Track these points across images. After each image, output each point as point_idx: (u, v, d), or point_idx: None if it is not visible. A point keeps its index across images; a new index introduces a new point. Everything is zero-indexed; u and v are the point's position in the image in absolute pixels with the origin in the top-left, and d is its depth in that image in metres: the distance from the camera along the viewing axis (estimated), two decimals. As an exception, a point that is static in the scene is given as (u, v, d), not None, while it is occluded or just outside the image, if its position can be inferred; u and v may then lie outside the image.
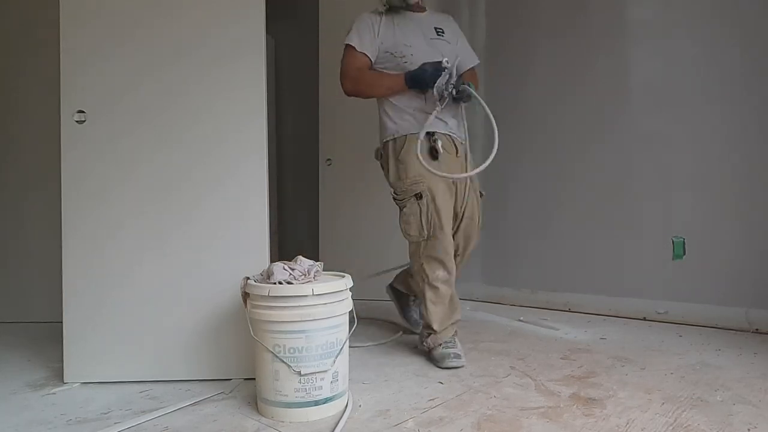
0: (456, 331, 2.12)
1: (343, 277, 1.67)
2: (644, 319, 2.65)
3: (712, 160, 2.52)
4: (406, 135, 2.09)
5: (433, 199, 2.02)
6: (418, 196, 2.03)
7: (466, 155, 2.15)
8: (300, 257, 1.68)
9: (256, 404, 1.61)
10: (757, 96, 2.40)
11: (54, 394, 1.78)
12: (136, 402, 1.69)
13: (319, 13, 3.55)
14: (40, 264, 2.78)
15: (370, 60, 2.13)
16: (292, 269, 1.61)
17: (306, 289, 1.52)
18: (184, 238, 1.87)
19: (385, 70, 2.11)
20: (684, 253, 2.60)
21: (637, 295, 2.72)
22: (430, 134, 2.04)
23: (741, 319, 2.42)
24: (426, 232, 2.03)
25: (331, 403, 1.55)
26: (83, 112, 1.86)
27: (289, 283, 1.56)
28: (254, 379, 1.64)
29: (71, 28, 1.85)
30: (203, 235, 1.87)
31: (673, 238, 2.62)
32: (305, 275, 1.61)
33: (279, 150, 4.25)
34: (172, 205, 1.87)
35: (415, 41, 2.11)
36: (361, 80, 2.10)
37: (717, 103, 2.50)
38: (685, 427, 1.42)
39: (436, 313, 2.06)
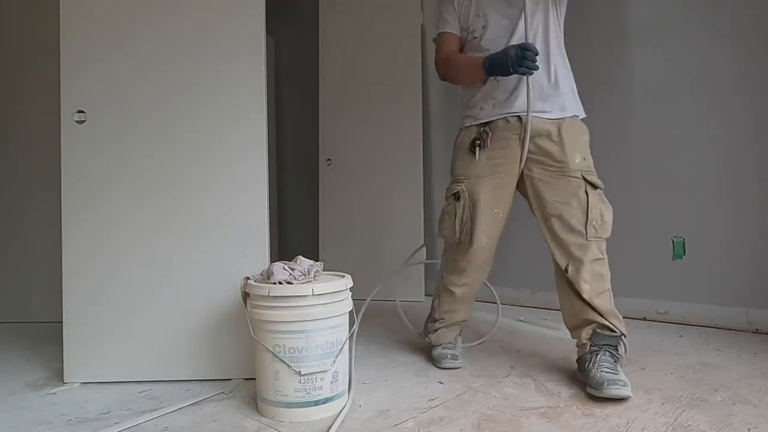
0: (461, 332, 2.10)
1: (343, 277, 1.67)
2: (644, 319, 2.65)
3: (712, 160, 2.52)
4: (461, 128, 1.94)
5: (473, 205, 1.84)
6: (456, 197, 1.88)
7: (548, 134, 1.77)
8: (300, 257, 1.68)
9: (256, 404, 1.61)
10: (757, 96, 2.40)
11: (54, 394, 1.78)
12: (136, 402, 1.69)
13: (319, 13, 3.55)
14: (40, 264, 2.78)
15: (459, 37, 1.92)
16: (292, 269, 1.61)
17: (306, 289, 1.52)
18: (183, 238, 1.87)
19: (468, 53, 1.89)
20: (684, 253, 2.60)
21: (636, 295, 2.71)
22: (483, 125, 1.83)
23: (741, 319, 2.42)
24: (458, 236, 1.87)
25: (331, 403, 1.55)
26: (83, 112, 1.86)
27: (289, 283, 1.56)
28: (254, 379, 1.64)
29: (71, 28, 1.86)
30: (203, 235, 1.87)
31: (674, 238, 2.62)
32: (305, 275, 1.61)
33: (279, 150, 4.25)
34: (171, 205, 1.87)
35: (491, 8, 1.83)
36: (447, 66, 1.92)
37: (716, 104, 2.50)
38: (685, 427, 1.42)
39: (443, 307, 2.02)
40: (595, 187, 1.74)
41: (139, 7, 1.87)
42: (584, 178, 1.74)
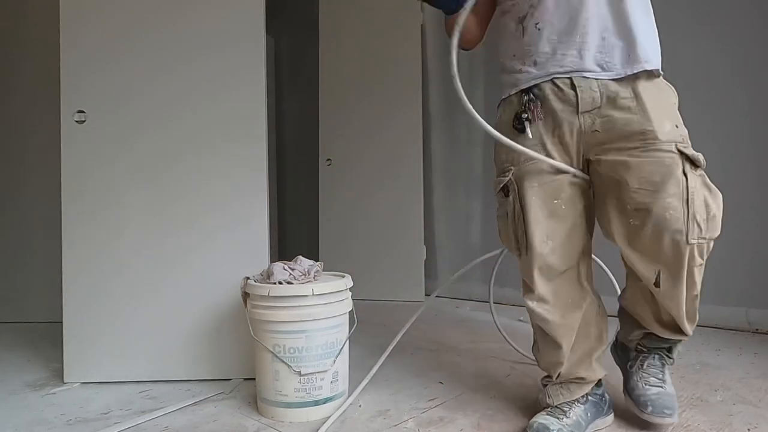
0: (586, 398, 1.39)
1: (343, 277, 1.67)
2: (644, 319, 2.65)
3: (710, 160, 2.49)
4: (500, 101, 1.43)
5: (521, 198, 1.32)
6: (505, 192, 1.36)
7: (612, 100, 1.25)
8: (300, 257, 1.68)
9: (256, 404, 1.61)
10: (753, 95, 2.40)
11: (54, 394, 1.78)
12: (136, 402, 1.69)
13: (319, 13, 3.56)
14: (41, 264, 2.78)
15: None
16: (292, 269, 1.61)
17: (306, 289, 1.52)
18: (183, 238, 1.87)
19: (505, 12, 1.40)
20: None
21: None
22: (526, 91, 1.32)
23: (741, 319, 2.41)
24: (517, 244, 1.35)
25: (331, 403, 1.55)
26: (83, 111, 1.86)
27: (289, 283, 1.56)
28: (254, 379, 1.64)
29: (71, 28, 1.85)
30: (203, 235, 1.87)
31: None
32: (305, 275, 1.61)
33: (279, 150, 4.26)
34: (171, 204, 1.87)
35: None
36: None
37: (713, 103, 2.50)
38: (686, 426, 1.42)
39: (538, 351, 1.46)
40: (695, 165, 1.25)
41: (139, 6, 1.87)
42: (681, 152, 1.21)
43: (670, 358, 1.46)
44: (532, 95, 1.31)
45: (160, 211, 1.87)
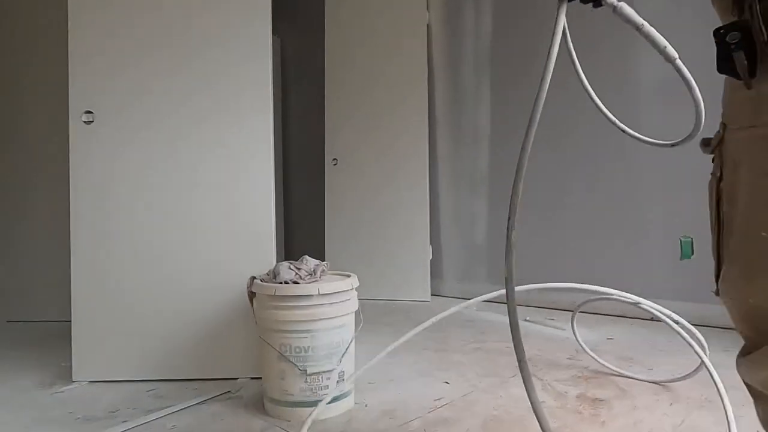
0: None
1: (349, 276, 1.67)
2: (651, 319, 2.63)
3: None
4: None
5: (729, 192, 0.77)
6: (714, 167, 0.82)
7: None
8: (306, 257, 1.69)
9: (263, 403, 1.62)
10: None
11: (62, 392, 1.80)
12: (144, 400, 1.70)
13: (325, 13, 3.56)
14: (49, 263, 2.80)
15: None
16: (298, 269, 1.62)
17: (312, 288, 1.52)
18: (191, 238, 1.88)
19: None
20: (692, 253, 2.58)
21: (644, 296, 2.70)
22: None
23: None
24: (715, 263, 0.79)
25: (337, 402, 1.55)
26: (91, 112, 1.87)
27: (295, 282, 1.56)
28: (260, 378, 1.65)
29: (79, 30, 1.87)
30: (210, 235, 1.88)
31: (681, 238, 2.60)
32: (311, 275, 1.61)
33: (285, 150, 4.27)
34: (179, 204, 1.88)
35: None
36: None
37: (719, 102, 2.48)
38: (693, 428, 1.41)
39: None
40: None
41: (147, 9, 1.88)
42: None
43: None
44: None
45: (167, 211, 1.88)
